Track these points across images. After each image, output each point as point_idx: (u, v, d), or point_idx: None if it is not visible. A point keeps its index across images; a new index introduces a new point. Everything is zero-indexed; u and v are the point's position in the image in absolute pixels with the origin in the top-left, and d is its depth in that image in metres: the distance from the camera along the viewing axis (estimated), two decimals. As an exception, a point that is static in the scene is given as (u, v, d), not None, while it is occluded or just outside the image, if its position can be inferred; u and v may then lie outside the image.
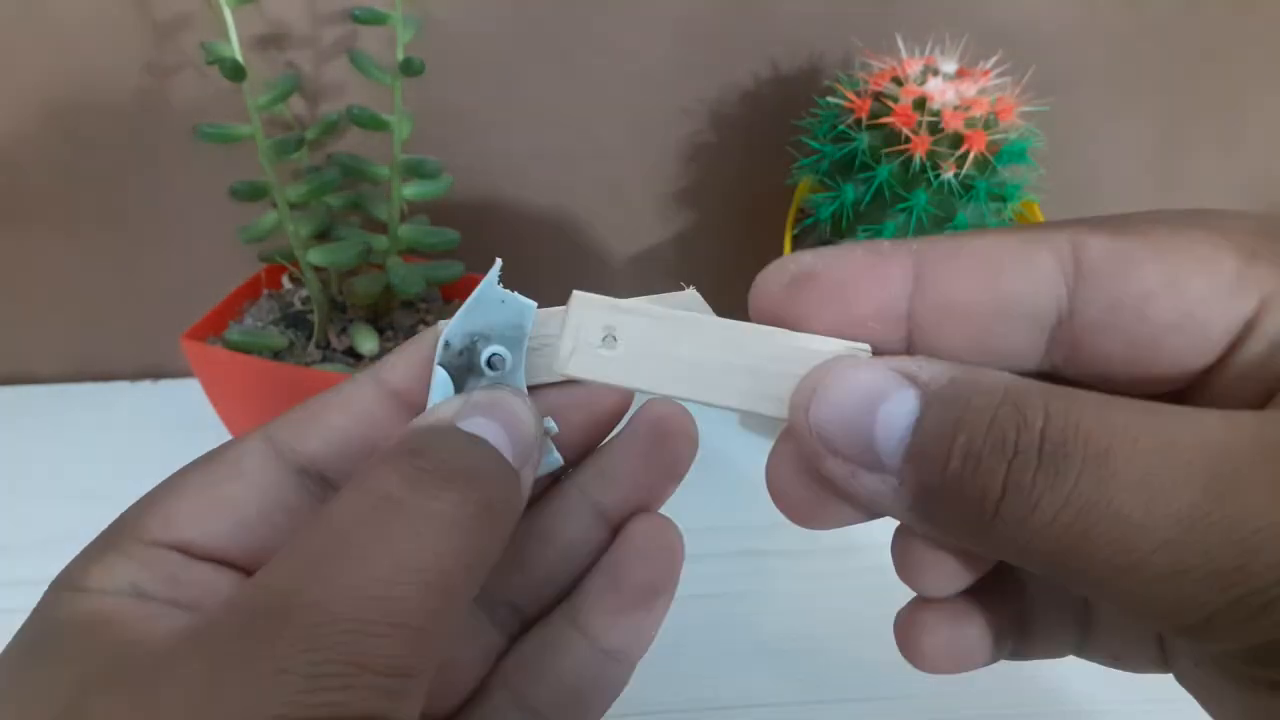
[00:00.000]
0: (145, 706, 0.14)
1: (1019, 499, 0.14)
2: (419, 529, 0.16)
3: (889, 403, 0.16)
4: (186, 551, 0.18)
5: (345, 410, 0.20)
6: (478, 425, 0.18)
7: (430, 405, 0.20)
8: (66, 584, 0.17)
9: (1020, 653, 0.21)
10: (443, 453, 0.17)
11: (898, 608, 0.22)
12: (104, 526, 0.19)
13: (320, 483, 0.20)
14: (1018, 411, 0.14)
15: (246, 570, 0.19)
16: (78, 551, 0.18)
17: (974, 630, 0.20)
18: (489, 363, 0.19)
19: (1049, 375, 0.17)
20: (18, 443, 0.51)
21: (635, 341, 0.18)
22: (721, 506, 0.41)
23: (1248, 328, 0.16)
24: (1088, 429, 0.14)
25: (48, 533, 0.46)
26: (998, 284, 0.17)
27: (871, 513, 0.18)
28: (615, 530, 0.22)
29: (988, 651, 0.20)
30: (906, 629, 0.20)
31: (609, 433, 0.22)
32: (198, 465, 0.19)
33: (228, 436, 0.47)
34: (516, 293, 0.19)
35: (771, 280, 0.18)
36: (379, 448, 0.19)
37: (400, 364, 0.20)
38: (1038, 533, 0.14)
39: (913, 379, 0.16)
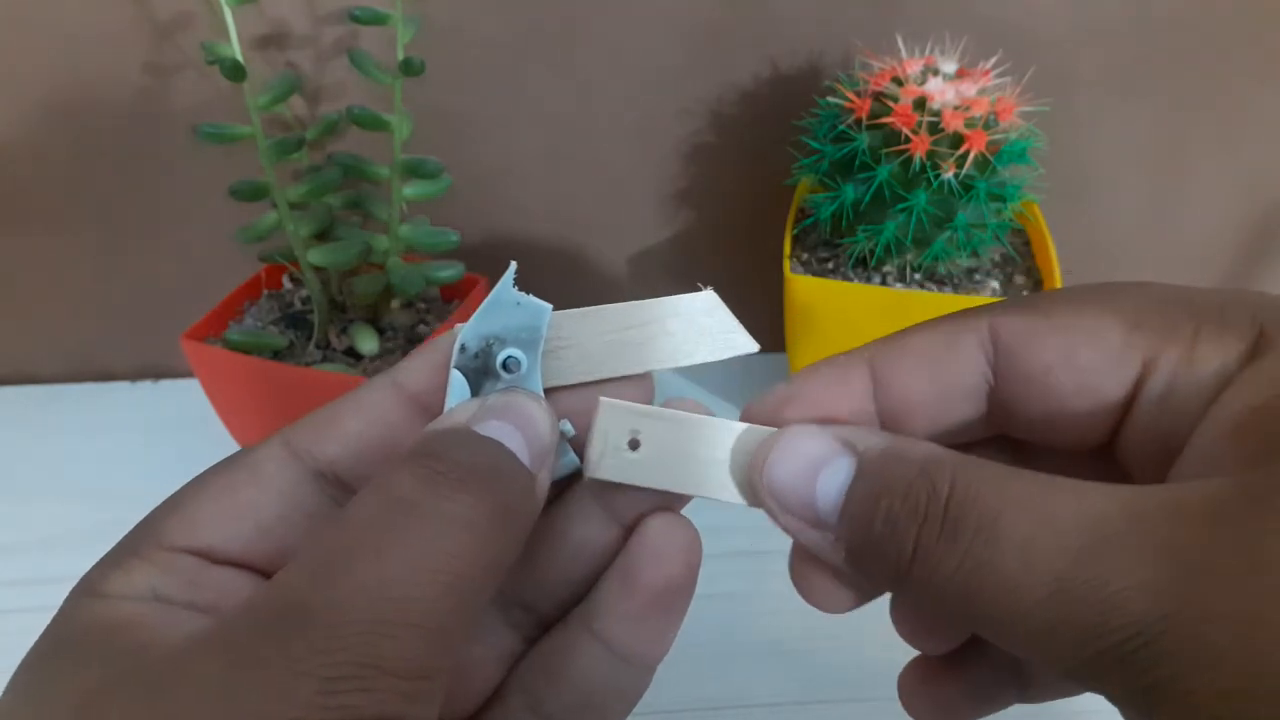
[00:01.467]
0: (162, 707, 0.14)
1: (925, 558, 0.17)
2: (434, 531, 0.16)
3: (828, 469, 0.18)
4: (206, 557, 0.18)
5: (362, 414, 0.20)
6: (493, 428, 0.18)
7: (447, 409, 0.20)
8: (86, 590, 0.17)
9: (1027, 698, 0.24)
10: (458, 455, 0.17)
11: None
12: (104, 525, 0.19)
13: (338, 487, 0.20)
14: (929, 482, 0.17)
15: (265, 574, 0.19)
16: (77, 551, 0.19)
17: (956, 689, 0.23)
18: (504, 366, 0.20)
19: (1001, 439, 0.21)
20: (18, 443, 0.51)
21: (657, 443, 0.20)
22: (721, 506, 0.41)
23: (1137, 389, 0.18)
24: (984, 499, 0.16)
25: (48, 533, 0.46)
26: (936, 375, 0.20)
27: (874, 593, 0.22)
28: (629, 532, 0.22)
29: (974, 704, 0.23)
30: (901, 689, 0.24)
31: None
32: (217, 471, 0.19)
33: (228, 436, 0.47)
34: (531, 295, 0.20)
35: (761, 407, 0.21)
36: (396, 451, 0.19)
37: (417, 368, 0.20)
38: (941, 587, 0.16)
39: (851, 448, 0.19)
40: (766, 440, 0.19)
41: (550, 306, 0.20)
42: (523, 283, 0.20)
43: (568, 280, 0.56)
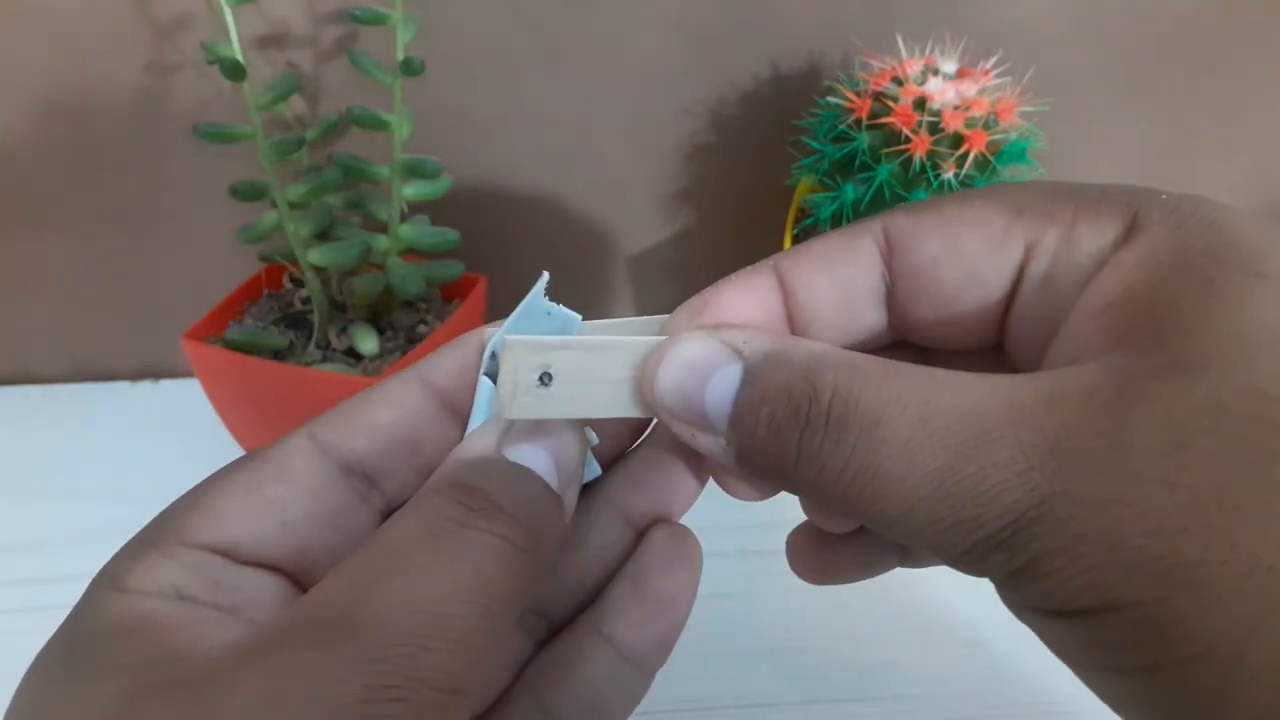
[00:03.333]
0: (204, 718, 0.14)
1: (809, 462, 0.17)
2: (473, 554, 0.17)
3: (716, 376, 0.18)
4: (230, 555, 0.18)
5: (391, 409, 0.20)
6: (524, 454, 0.19)
7: (475, 415, 0.20)
8: (108, 583, 0.17)
9: (907, 564, 0.25)
10: (492, 491, 0.18)
11: (897, 608, 0.23)
12: (103, 526, 0.19)
13: (365, 482, 0.20)
14: (810, 386, 0.17)
15: (288, 573, 0.19)
16: (77, 551, 0.18)
17: (842, 555, 0.23)
18: (539, 379, 0.19)
19: (905, 347, 0.22)
20: (18, 443, 0.51)
21: (569, 374, 0.19)
22: (721, 506, 0.41)
23: (1020, 275, 0.19)
24: (866, 401, 0.16)
25: (47, 533, 0.46)
26: (835, 277, 0.20)
27: (870, 570, 0.23)
28: (640, 536, 0.23)
29: (859, 569, 0.24)
30: (789, 549, 0.24)
31: (638, 439, 0.23)
32: (241, 465, 0.19)
33: (228, 436, 0.47)
34: (562, 305, 0.20)
35: (680, 317, 0.21)
36: (422, 448, 0.20)
37: (444, 365, 0.20)
38: (827, 489, 0.17)
39: (738, 352, 0.18)
40: (656, 349, 0.19)
41: (580, 317, 0.20)
42: (522, 282, 0.20)
43: (568, 280, 0.56)
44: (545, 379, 0.19)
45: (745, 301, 0.20)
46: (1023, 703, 0.37)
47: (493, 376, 0.20)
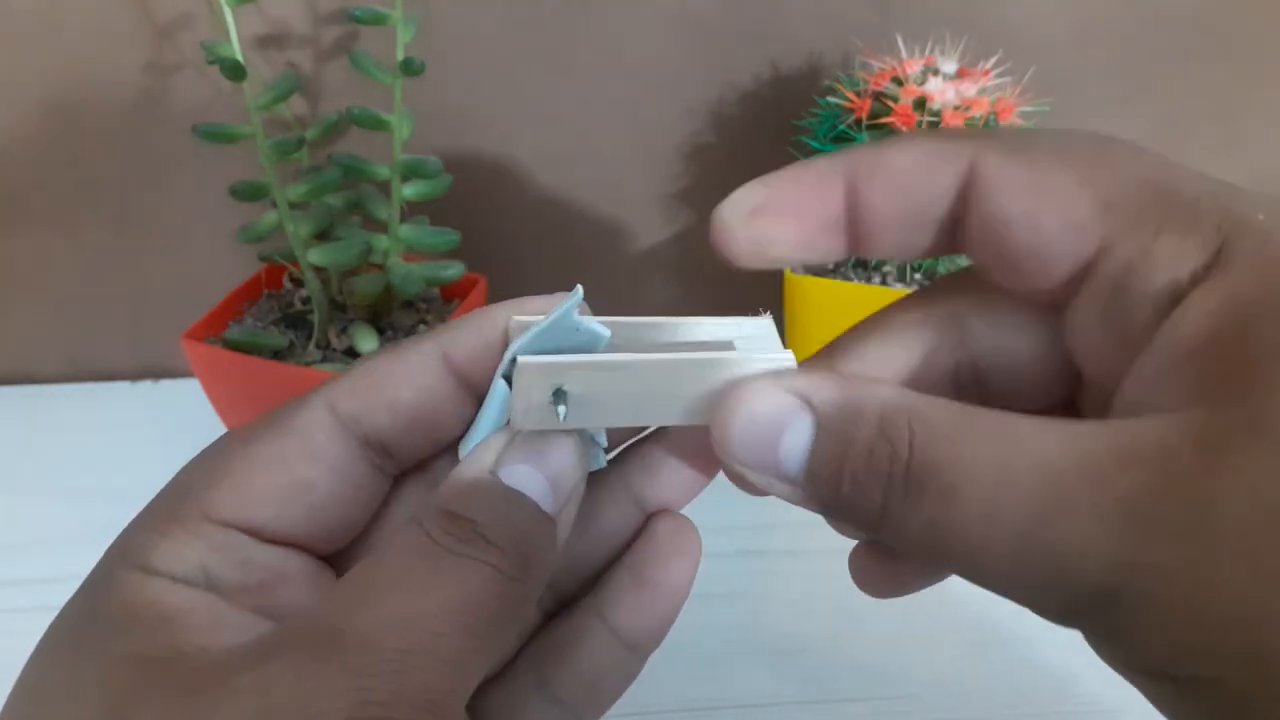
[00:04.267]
0: (196, 718, 0.15)
1: (892, 518, 0.17)
2: (463, 577, 0.17)
3: (789, 433, 0.18)
4: (257, 534, 0.19)
5: (413, 389, 0.20)
6: (518, 475, 0.19)
7: (485, 413, 0.20)
8: (133, 561, 0.17)
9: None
10: (480, 522, 0.18)
11: (899, 608, 0.23)
12: (103, 526, 0.19)
13: (382, 454, 0.20)
14: (889, 444, 0.17)
15: (314, 551, 0.20)
16: (77, 551, 0.18)
17: (906, 567, 0.23)
18: (553, 396, 0.19)
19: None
20: (17, 443, 0.51)
21: (582, 391, 0.19)
22: (722, 506, 0.41)
23: (1091, 267, 0.18)
24: (942, 463, 0.16)
25: (48, 533, 0.46)
26: (909, 203, 0.20)
27: (936, 578, 0.22)
28: (648, 518, 0.23)
29: (923, 579, 0.23)
30: (852, 565, 0.24)
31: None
32: (259, 436, 0.19)
33: (228, 436, 0.47)
34: (592, 320, 0.19)
35: (730, 217, 0.20)
36: (440, 425, 0.20)
37: (466, 342, 0.20)
38: (910, 543, 0.17)
39: (808, 403, 0.18)
40: (723, 403, 0.19)
41: (609, 334, 0.19)
42: (523, 282, 0.20)
43: (568, 280, 0.56)
44: (559, 396, 0.19)
45: (808, 204, 0.20)
46: (1026, 703, 0.37)
47: (509, 379, 0.19)
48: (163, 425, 0.52)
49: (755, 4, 0.48)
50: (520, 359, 0.18)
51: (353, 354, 0.45)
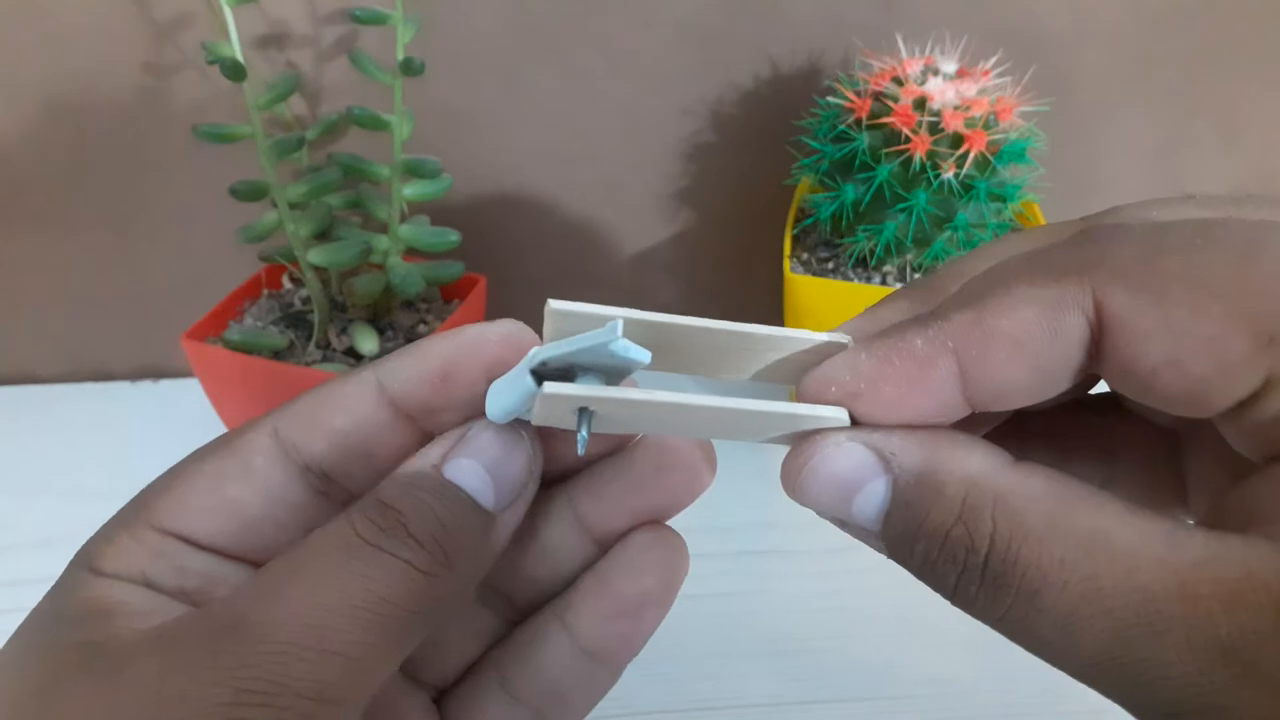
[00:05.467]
0: (102, 698, 0.16)
1: (965, 602, 0.16)
2: (370, 572, 0.17)
3: (862, 493, 0.17)
4: (194, 544, 0.19)
5: (347, 415, 0.20)
6: (460, 469, 0.19)
7: (494, 397, 0.19)
8: (85, 562, 0.18)
9: None
10: (405, 513, 0.18)
11: (898, 608, 0.22)
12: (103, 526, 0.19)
13: (323, 479, 0.20)
14: (968, 533, 0.16)
15: (250, 561, 0.20)
16: (76, 551, 0.19)
17: None
18: (577, 412, 0.18)
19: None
20: (17, 443, 0.51)
21: (609, 413, 0.18)
22: (722, 506, 0.41)
23: (1249, 402, 0.16)
24: (1025, 562, 0.15)
25: (48, 533, 0.46)
26: (1037, 365, 0.17)
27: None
28: (601, 545, 0.22)
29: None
30: None
31: (615, 448, 0.22)
32: (210, 454, 0.20)
33: (228, 436, 0.47)
34: (630, 346, 0.17)
35: (821, 397, 0.18)
36: (376, 455, 0.20)
37: (403, 373, 0.20)
38: (984, 620, 0.16)
39: (886, 464, 0.17)
40: (798, 451, 0.18)
41: (648, 359, 0.18)
42: (524, 281, 0.20)
43: (568, 280, 0.56)
44: (583, 413, 0.18)
45: (914, 391, 0.17)
46: (1024, 703, 0.37)
47: (537, 374, 0.18)
48: (162, 425, 0.52)
49: (755, 4, 0.48)
50: (545, 390, 0.17)
51: (353, 354, 0.45)
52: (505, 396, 0.19)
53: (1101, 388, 0.21)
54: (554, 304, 0.18)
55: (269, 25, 0.47)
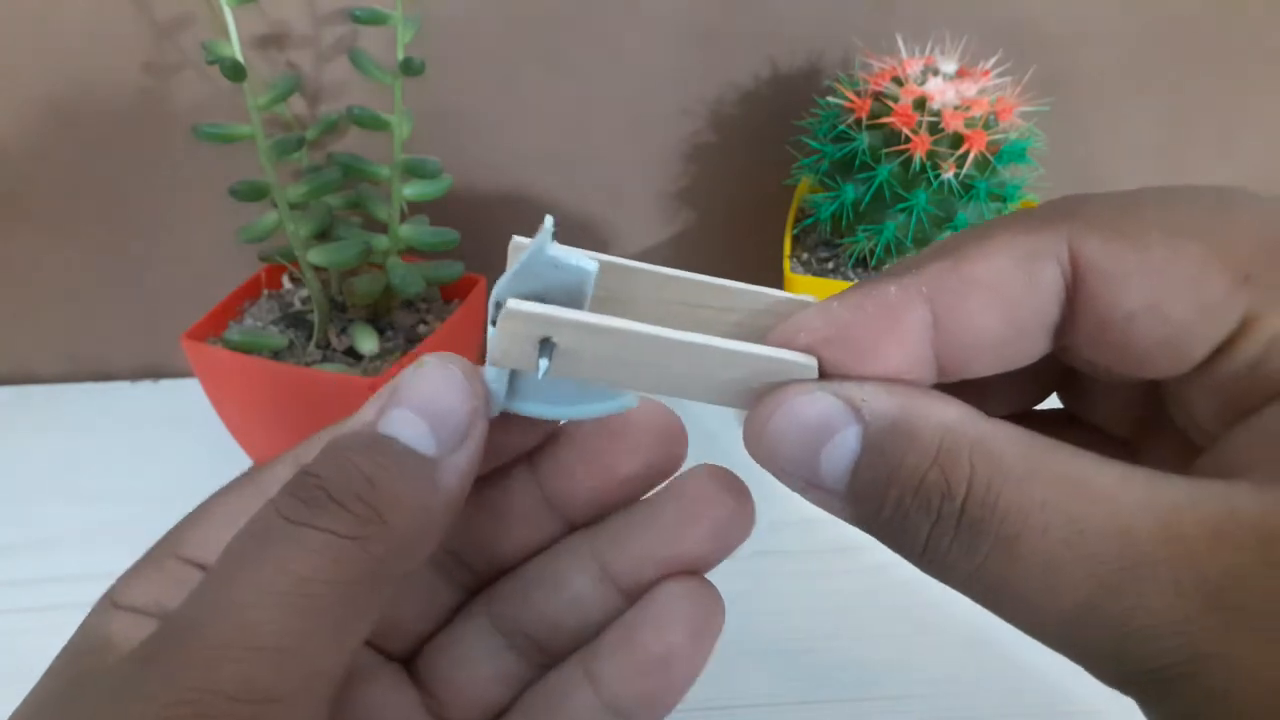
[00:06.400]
0: (70, 712, 0.16)
1: (936, 557, 0.15)
2: (288, 552, 0.16)
3: (832, 442, 0.16)
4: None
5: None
6: (394, 421, 0.18)
7: (491, 362, 0.18)
8: (110, 595, 0.18)
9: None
10: (332, 474, 0.17)
11: (898, 608, 0.22)
12: (103, 526, 0.20)
13: None
14: (944, 477, 0.15)
15: None
16: (77, 551, 0.19)
17: None
18: (539, 344, 0.17)
19: (1054, 358, 0.18)
20: (18, 443, 0.51)
21: (571, 347, 0.17)
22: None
23: (1226, 346, 0.16)
24: (1004, 506, 0.15)
25: (48, 533, 0.46)
26: (1010, 314, 0.17)
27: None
28: (629, 597, 0.21)
29: None
30: None
31: (629, 496, 0.21)
32: (235, 487, 0.20)
33: (228, 436, 0.47)
34: (574, 252, 0.17)
35: (791, 343, 0.17)
36: None
37: (310, 451, 0.19)
38: (953, 581, 0.16)
39: (857, 412, 0.16)
40: (764, 401, 0.17)
41: (595, 268, 0.17)
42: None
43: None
44: (545, 346, 0.17)
45: (884, 338, 0.17)
46: (1025, 703, 0.37)
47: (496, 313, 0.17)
48: (162, 425, 0.52)
49: (755, 4, 0.48)
50: (510, 303, 0.16)
51: (353, 354, 0.45)
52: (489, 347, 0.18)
53: (1052, 404, 0.21)
54: (517, 239, 0.18)
55: (269, 25, 0.47)
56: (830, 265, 0.47)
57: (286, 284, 0.49)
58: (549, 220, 0.16)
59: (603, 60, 0.50)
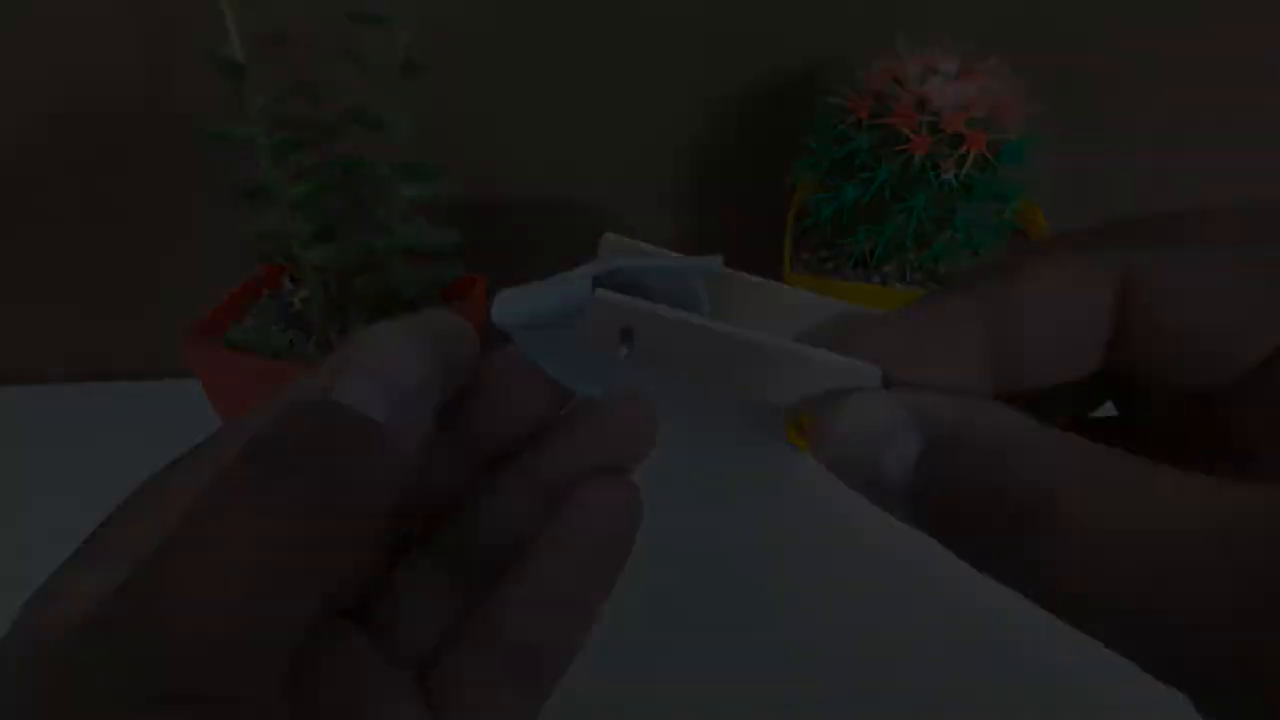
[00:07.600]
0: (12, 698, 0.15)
1: (995, 555, 0.16)
2: (240, 518, 0.16)
3: (893, 449, 0.17)
4: None
5: None
6: (346, 386, 0.18)
7: (514, 300, 0.19)
8: (49, 591, 0.18)
9: None
10: (285, 439, 0.17)
11: (898, 608, 0.22)
12: None
13: None
14: (1002, 481, 0.16)
15: None
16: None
17: None
18: (620, 334, 0.18)
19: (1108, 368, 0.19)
20: (18, 442, 0.51)
21: (652, 340, 0.18)
22: (722, 504, 0.41)
23: (1278, 352, 0.16)
24: (1059, 516, 0.15)
25: (47, 533, 0.46)
26: (1065, 332, 0.18)
27: None
28: (553, 499, 0.22)
29: None
30: None
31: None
32: (183, 461, 0.20)
33: (228, 436, 0.47)
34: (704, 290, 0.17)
35: (863, 342, 0.18)
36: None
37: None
38: (1007, 579, 0.16)
39: (921, 418, 0.17)
40: (832, 405, 0.18)
41: (708, 308, 0.18)
42: (525, 281, 0.19)
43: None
44: (626, 336, 0.17)
45: (943, 355, 0.18)
46: (1025, 703, 0.37)
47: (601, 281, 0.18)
48: (163, 425, 0.52)
49: (755, 4, 0.48)
50: (599, 294, 0.17)
51: (353, 354, 0.45)
52: (534, 300, 0.18)
53: (1107, 411, 0.22)
54: (609, 236, 0.19)
55: (269, 25, 0.47)
56: (830, 265, 0.47)
57: (286, 284, 0.49)
58: (719, 259, 0.17)
59: (603, 61, 0.50)
